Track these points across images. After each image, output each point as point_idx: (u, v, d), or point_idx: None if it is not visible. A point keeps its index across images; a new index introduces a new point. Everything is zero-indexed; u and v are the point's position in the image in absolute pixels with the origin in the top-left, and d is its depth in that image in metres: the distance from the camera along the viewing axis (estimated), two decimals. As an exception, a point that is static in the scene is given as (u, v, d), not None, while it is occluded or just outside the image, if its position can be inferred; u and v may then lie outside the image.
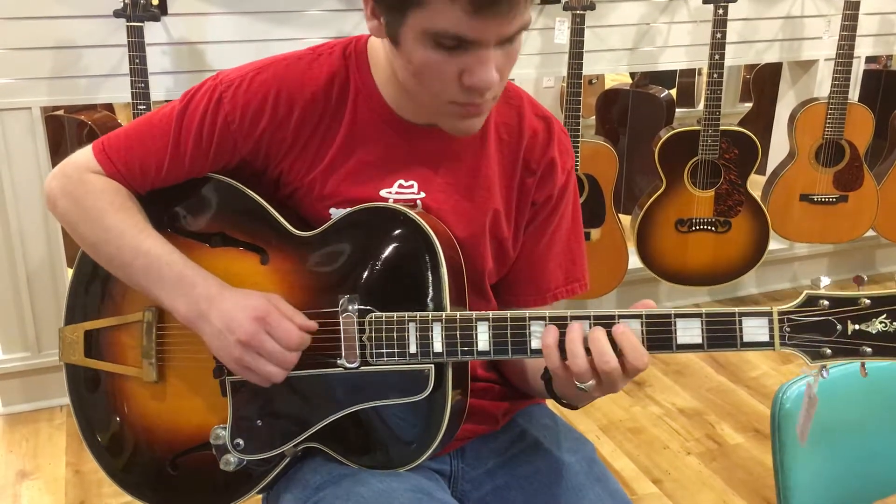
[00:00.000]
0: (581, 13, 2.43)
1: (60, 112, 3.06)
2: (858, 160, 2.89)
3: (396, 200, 1.09)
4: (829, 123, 2.84)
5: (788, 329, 0.92)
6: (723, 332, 0.94)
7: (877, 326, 0.90)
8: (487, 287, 1.18)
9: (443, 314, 1.01)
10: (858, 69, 3.11)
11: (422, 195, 1.11)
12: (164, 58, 2.32)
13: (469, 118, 1.03)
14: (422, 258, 1.03)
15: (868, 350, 0.90)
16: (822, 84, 3.04)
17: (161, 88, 2.32)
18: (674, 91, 5.19)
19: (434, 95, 1.00)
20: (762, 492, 2.18)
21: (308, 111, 1.08)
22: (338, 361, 1.04)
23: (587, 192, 2.63)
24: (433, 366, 1.02)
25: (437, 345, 1.00)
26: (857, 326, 0.91)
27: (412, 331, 1.01)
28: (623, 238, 2.73)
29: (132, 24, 2.11)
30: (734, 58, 2.91)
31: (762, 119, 3.99)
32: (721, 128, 2.66)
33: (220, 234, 1.13)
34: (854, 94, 3.10)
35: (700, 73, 5.24)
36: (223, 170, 1.13)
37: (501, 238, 1.16)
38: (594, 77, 4.87)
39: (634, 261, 2.82)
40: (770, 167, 3.11)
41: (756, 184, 2.91)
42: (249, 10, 2.35)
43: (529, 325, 0.98)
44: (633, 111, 3.67)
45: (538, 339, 0.97)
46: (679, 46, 2.84)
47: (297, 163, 1.10)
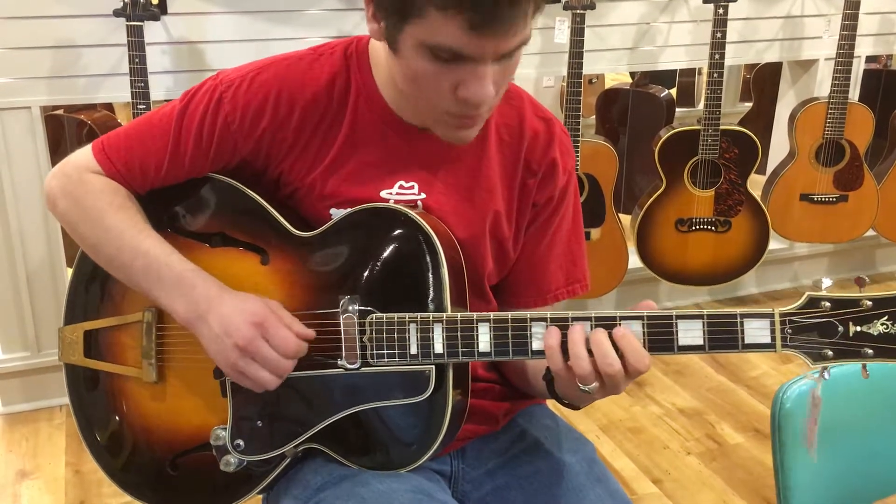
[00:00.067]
0: (581, 12, 2.43)
1: (60, 111, 3.05)
2: (858, 160, 2.89)
3: (397, 201, 1.09)
4: (830, 123, 2.84)
5: (790, 331, 0.92)
6: (724, 334, 0.93)
7: (878, 328, 0.90)
8: (487, 288, 1.18)
9: (444, 315, 1.00)
10: (858, 69, 3.11)
11: (422, 196, 1.10)
12: (164, 57, 2.32)
13: (463, 129, 1.03)
14: (423, 259, 1.02)
15: (869, 352, 0.90)
16: (823, 84, 3.04)
17: (161, 88, 2.32)
18: (674, 91, 5.18)
19: (429, 104, 1.00)
20: (762, 492, 2.18)
21: (309, 111, 1.08)
22: (338, 362, 1.04)
23: (587, 192, 2.62)
24: (434, 367, 1.01)
25: (438, 346, 1.00)
26: (859, 328, 0.91)
27: (413, 332, 1.01)
28: (623, 238, 2.73)
29: (132, 24, 2.10)
30: (734, 57, 2.90)
31: (762, 119, 3.98)
32: (721, 127, 2.66)
33: (221, 235, 1.12)
34: (854, 94, 3.10)
35: (700, 73, 5.24)
36: (223, 170, 1.12)
37: (502, 239, 1.15)
38: (594, 76, 4.87)
39: (634, 260, 2.82)
40: (770, 167, 3.11)
41: (756, 183, 2.90)
42: (249, 10, 2.35)
43: (531, 327, 0.98)
44: (633, 111, 3.67)
45: (539, 341, 0.97)
46: (679, 46, 2.84)
47: (298, 163, 1.10)
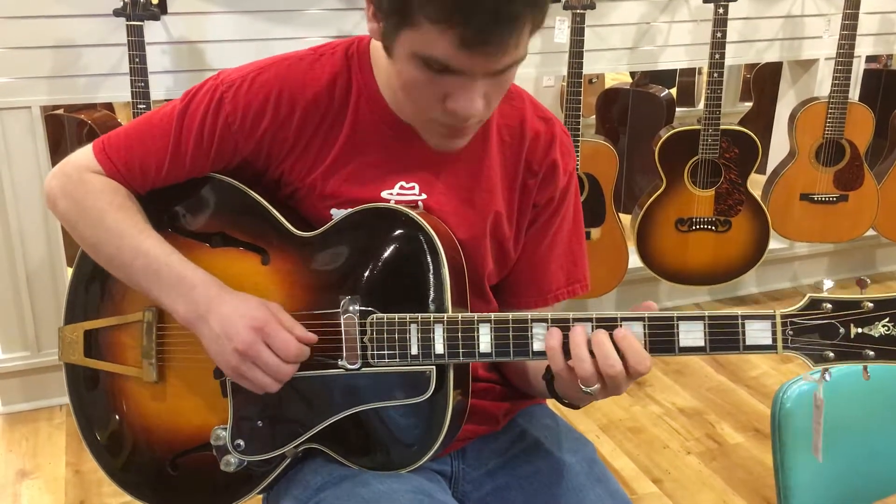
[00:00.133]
0: (581, 12, 2.43)
1: (60, 111, 3.05)
2: (859, 159, 2.89)
3: (398, 202, 1.09)
4: (830, 123, 2.84)
5: (791, 332, 0.92)
6: (725, 336, 0.93)
7: (879, 330, 0.90)
8: (487, 288, 1.18)
9: (444, 315, 1.00)
10: (859, 68, 3.11)
11: (423, 197, 1.10)
12: (164, 57, 2.31)
13: (452, 138, 1.04)
14: (423, 259, 1.02)
15: (871, 353, 0.90)
16: (823, 83, 3.04)
17: (161, 87, 2.32)
18: (674, 90, 5.18)
19: (418, 110, 1.01)
20: (762, 491, 2.18)
21: (310, 112, 1.08)
22: (339, 362, 1.04)
23: (587, 192, 2.62)
24: (434, 367, 1.01)
25: (439, 346, 1.00)
26: (860, 330, 0.91)
27: (413, 332, 1.01)
28: (623, 237, 2.73)
29: (132, 23, 2.10)
30: (734, 57, 2.90)
31: (762, 118, 3.98)
32: (721, 127, 2.66)
33: (221, 234, 1.12)
34: (854, 94, 3.10)
35: (700, 73, 5.24)
36: (224, 170, 1.12)
37: (502, 239, 1.15)
38: (594, 76, 4.87)
39: (634, 260, 2.82)
40: (770, 166, 3.11)
41: (756, 183, 2.90)
42: (249, 10, 2.35)
43: (531, 328, 0.98)
44: (634, 110, 3.67)
45: (540, 342, 0.97)
46: (679, 46, 2.84)
47: (299, 163, 1.10)
